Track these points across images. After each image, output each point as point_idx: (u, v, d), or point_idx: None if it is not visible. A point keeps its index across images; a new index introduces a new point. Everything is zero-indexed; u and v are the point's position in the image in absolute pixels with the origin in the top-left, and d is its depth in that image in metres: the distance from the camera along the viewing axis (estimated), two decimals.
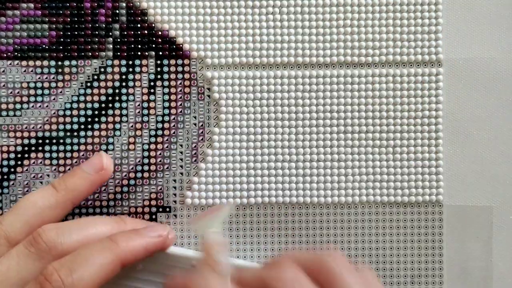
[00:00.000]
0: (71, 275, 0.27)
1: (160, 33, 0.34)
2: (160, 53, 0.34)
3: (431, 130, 0.34)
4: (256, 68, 0.34)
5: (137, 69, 0.34)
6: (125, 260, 0.28)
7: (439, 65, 0.34)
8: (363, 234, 0.34)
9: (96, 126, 0.34)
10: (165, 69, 0.34)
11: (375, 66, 0.34)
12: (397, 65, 0.34)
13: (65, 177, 0.32)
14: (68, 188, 0.31)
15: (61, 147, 0.33)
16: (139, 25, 0.34)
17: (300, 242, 0.34)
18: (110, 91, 0.34)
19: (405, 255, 0.34)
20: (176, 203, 0.34)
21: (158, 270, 0.31)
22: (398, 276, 0.34)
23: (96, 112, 0.34)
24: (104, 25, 0.34)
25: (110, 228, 0.30)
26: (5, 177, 0.33)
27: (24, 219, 0.30)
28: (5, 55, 0.33)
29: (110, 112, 0.34)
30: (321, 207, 0.34)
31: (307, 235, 0.34)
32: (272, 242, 0.34)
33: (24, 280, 0.28)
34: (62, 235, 0.29)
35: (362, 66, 0.34)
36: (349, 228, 0.34)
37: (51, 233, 0.29)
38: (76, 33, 0.33)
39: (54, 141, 0.34)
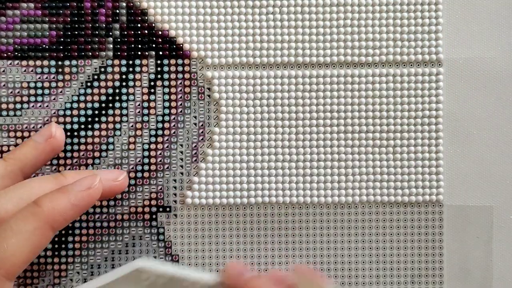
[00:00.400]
0: None
1: (160, 33, 0.34)
2: (160, 53, 0.34)
3: (431, 130, 0.34)
4: (256, 68, 0.34)
5: (137, 69, 0.34)
6: (53, 223, 0.27)
7: (439, 65, 0.34)
8: (363, 234, 0.34)
9: (96, 126, 0.34)
10: (165, 69, 0.34)
11: (375, 66, 0.34)
12: (397, 65, 0.34)
13: (15, 148, 0.31)
14: (17, 158, 0.31)
15: None
16: (139, 25, 0.34)
17: (300, 242, 0.34)
18: (110, 91, 0.34)
19: (405, 255, 0.34)
20: (176, 203, 0.34)
21: None
22: (398, 276, 0.34)
23: (96, 112, 0.34)
24: (104, 25, 0.34)
25: (50, 187, 0.29)
26: None
27: None
28: (5, 55, 0.33)
29: (110, 112, 0.34)
30: (321, 207, 0.34)
31: (307, 235, 0.34)
32: (272, 242, 0.34)
33: None
34: None
35: (362, 66, 0.34)
36: (349, 228, 0.34)
37: None
38: (76, 33, 0.33)
39: None
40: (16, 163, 0.30)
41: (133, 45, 0.34)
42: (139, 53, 0.34)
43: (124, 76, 0.34)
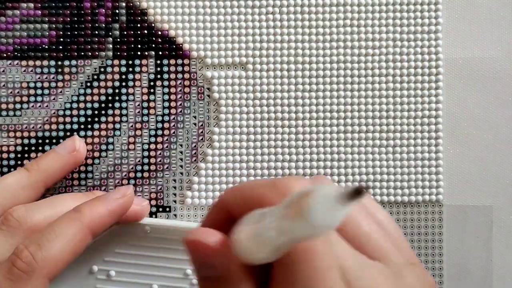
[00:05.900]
0: (40, 249, 0.27)
1: (160, 33, 0.34)
2: (160, 53, 0.34)
3: (431, 130, 0.34)
4: (256, 68, 0.34)
5: (137, 69, 0.34)
6: (93, 228, 0.28)
7: (439, 65, 0.34)
8: None
9: (96, 126, 0.34)
10: (165, 69, 0.34)
11: (375, 66, 0.34)
12: (396, 65, 0.34)
13: (38, 158, 0.32)
14: (40, 169, 0.31)
15: None
16: (139, 25, 0.34)
17: None
18: (110, 91, 0.34)
19: None
20: (176, 203, 0.34)
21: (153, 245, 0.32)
22: None
23: (96, 112, 0.34)
24: (104, 25, 0.34)
25: (79, 203, 0.30)
26: None
27: None
28: (5, 55, 0.33)
29: (110, 112, 0.34)
30: None
31: None
32: None
33: None
34: (31, 212, 0.29)
35: (362, 66, 0.34)
36: None
37: (21, 210, 0.29)
38: (76, 33, 0.33)
39: (54, 141, 0.34)
40: (40, 174, 0.31)
41: (132, 45, 0.34)
42: (139, 53, 0.34)
43: (124, 76, 0.34)
